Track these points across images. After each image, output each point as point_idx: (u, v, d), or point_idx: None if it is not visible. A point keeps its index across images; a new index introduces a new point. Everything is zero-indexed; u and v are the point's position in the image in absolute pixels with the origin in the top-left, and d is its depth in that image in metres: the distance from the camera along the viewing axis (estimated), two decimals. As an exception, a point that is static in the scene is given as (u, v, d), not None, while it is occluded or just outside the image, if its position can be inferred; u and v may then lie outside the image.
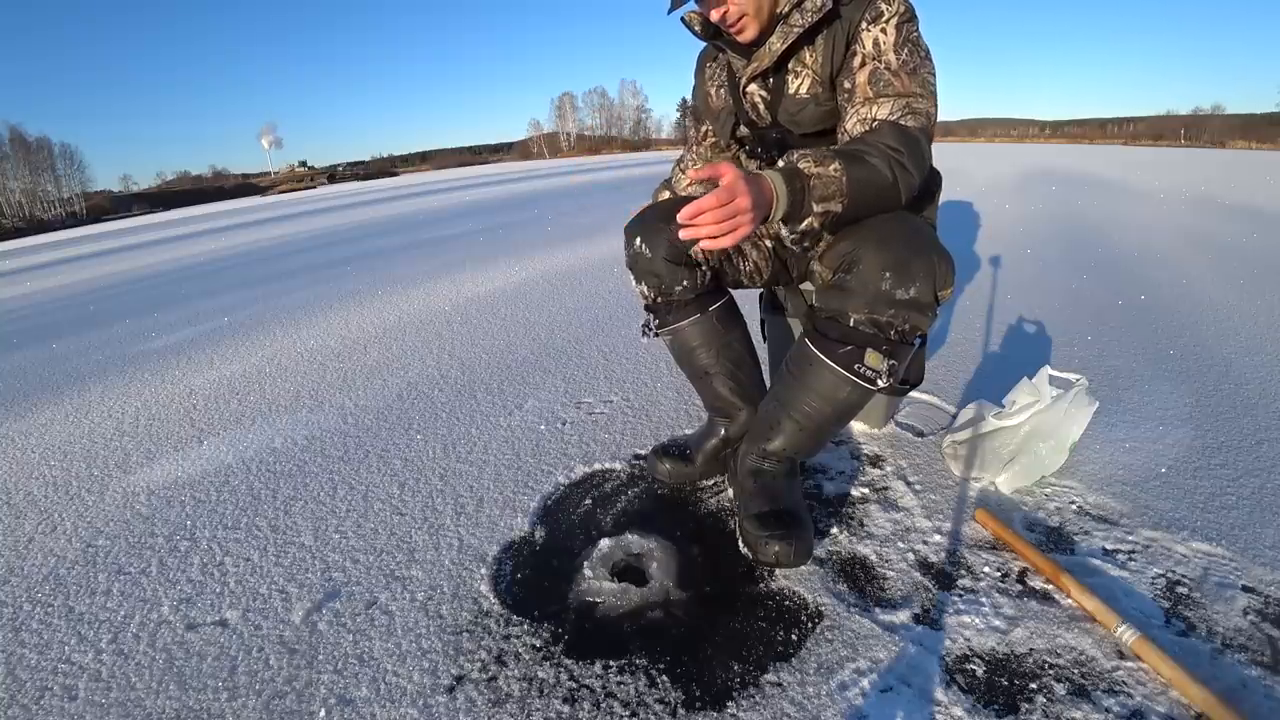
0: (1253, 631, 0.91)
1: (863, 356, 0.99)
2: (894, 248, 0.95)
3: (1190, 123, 53.65)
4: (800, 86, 1.11)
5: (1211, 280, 2.90)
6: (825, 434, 1.13)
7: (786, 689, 0.86)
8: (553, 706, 0.85)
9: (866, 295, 0.96)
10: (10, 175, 48.61)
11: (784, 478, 1.14)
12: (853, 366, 1.00)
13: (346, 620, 1.04)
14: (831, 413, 1.07)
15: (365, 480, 1.49)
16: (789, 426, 1.10)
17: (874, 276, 0.95)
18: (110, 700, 0.93)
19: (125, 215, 39.01)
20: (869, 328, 0.98)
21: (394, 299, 3.51)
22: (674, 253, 1.17)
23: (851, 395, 1.03)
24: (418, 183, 24.99)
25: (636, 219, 1.23)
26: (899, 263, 0.94)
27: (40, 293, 5.79)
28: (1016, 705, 0.82)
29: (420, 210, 10.09)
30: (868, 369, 1.00)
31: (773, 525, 1.06)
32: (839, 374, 1.01)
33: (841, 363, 1.01)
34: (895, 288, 0.94)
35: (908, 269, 0.94)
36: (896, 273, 0.94)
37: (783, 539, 1.03)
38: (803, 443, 1.12)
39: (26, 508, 1.52)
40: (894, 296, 0.94)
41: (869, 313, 0.97)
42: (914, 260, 0.94)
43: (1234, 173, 9.89)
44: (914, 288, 0.94)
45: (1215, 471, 1.29)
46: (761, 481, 1.14)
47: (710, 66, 1.29)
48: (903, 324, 0.97)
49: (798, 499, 1.13)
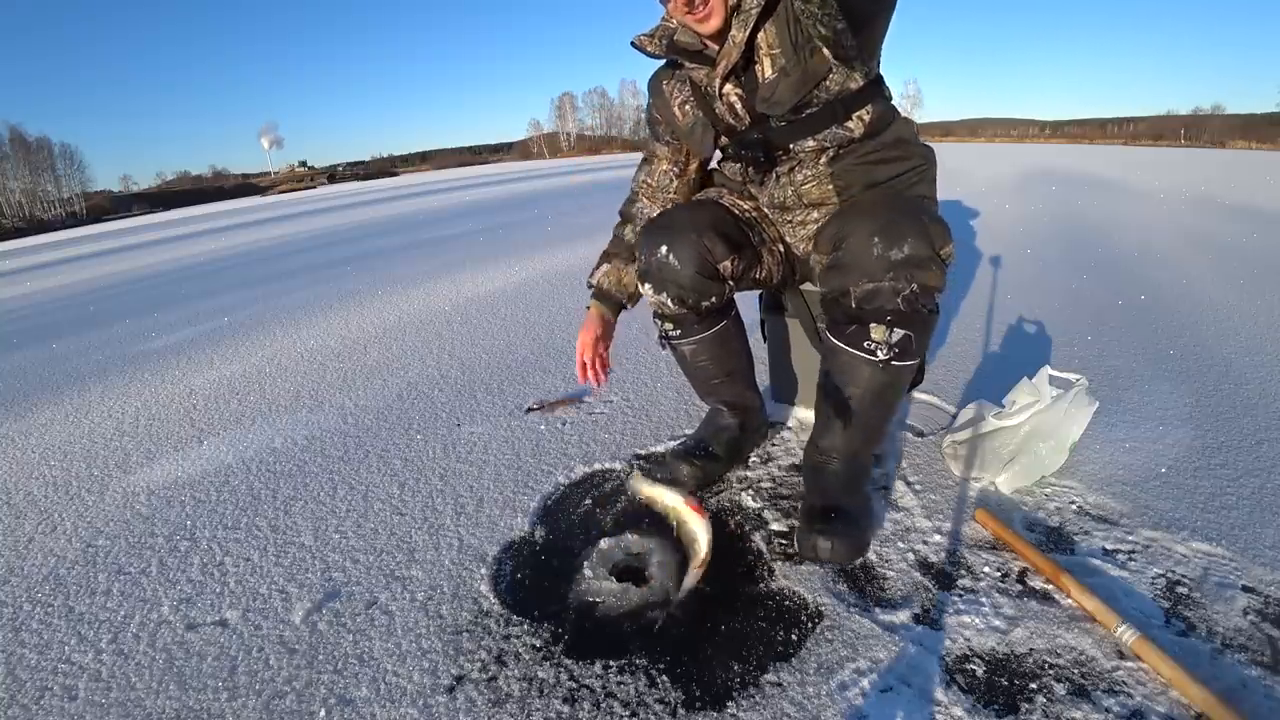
0: (1253, 631, 0.91)
1: (868, 333, 1.01)
2: (879, 213, 0.98)
3: (1190, 123, 53.63)
4: (767, 69, 1.08)
5: (1211, 280, 2.89)
6: (871, 423, 1.13)
7: (786, 689, 0.86)
8: (553, 706, 0.85)
9: (861, 264, 0.97)
10: (10, 175, 48.59)
11: (842, 474, 1.15)
12: (861, 344, 1.02)
13: (346, 620, 1.04)
14: (863, 397, 1.07)
15: (365, 480, 1.49)
16: (835, 423, 1.12)
17: (863, 244, 0.97)
18: (110, 700, 0.93)
19: (125, 215, 39.00)
20: (869, 301, 0.99)
21: (394, 299, 3.51)
22: (705, 266, 1.14)
23: (873, 376, 1.04)
24: (418, 183, 24.99)
25: (660, 225, 1.19)
26: (885, 225, 0.96)
27: (40, 293, 5.79)
28: (1016, 705, 0.82)
29: (420, 210, 10.09)
30: (874, 344, 1.01)
31: (819, 521, 1.07)
32: (851, 354, 1.03)
33: (851, 342, 1.03)
34: (887, 250, 0.95)
35: (895, 228, 0.96)
36: (884, 235, 0.96)
37: (825, 534, 1.05)
38: (853, 436, 1.13)
39: (26, 508, 1.52)
40: (889, 258, 0.95)
41: (867, 281, 0.97)
42: (900, 221, 0.96)
43: (1234, 173, 9.88)
44: (906, 244, 0.95)
45: (1215, 471, 1.29)
46: (817, 477, 1.16)
47: (668, 85, 1.22)
48: (905, 286, 0.97)
49: (854, 495, 1.14)
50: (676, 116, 1.22)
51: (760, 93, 1.10)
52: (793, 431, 1.55)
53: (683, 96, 1.20)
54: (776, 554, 1.13)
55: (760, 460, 1.43)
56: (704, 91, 1.15)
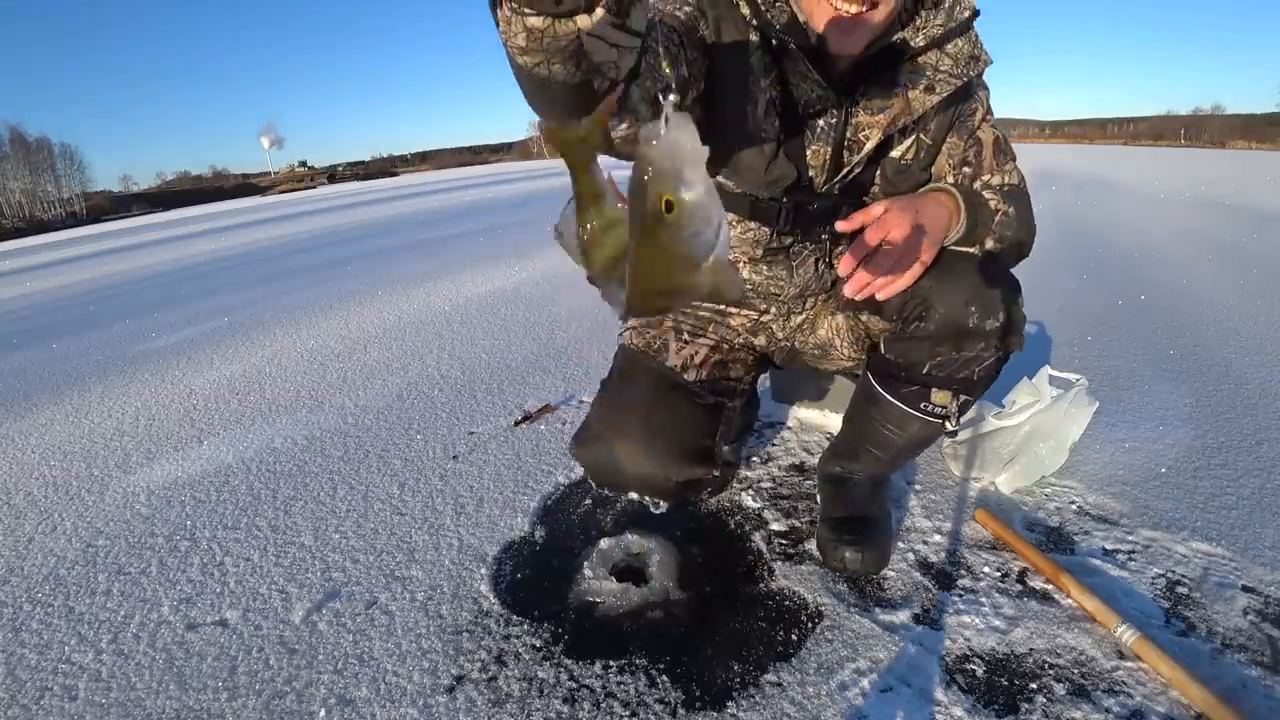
0: (1253, 631, 0.91)
1: (929, 395, 0.95)
2: (969, 276, 0.87)
3: (1190, 123, 53.62)
4: (909, 150, 0.90)
5: (1211, 280, 2.89)
6: (904, 459, 1.12)
7: (786, 689, 0.86)
8: (553, 706, 0.85)
9: (953, 336, 0.88)
10: (10, 175, 48.60)
11: (867, 486, 1.14)
12: (919, 405, 0.96)
13: (346, 620, 1.04)
14: (905, 443, 1.04)
15: (365, 480, 1.49)
16: (867, 457, 1.09)
17: (958, 313, 0.86)
18: (110, 700, 0.93)
19: (125, 215, 38.95)
20: (943, 369, 0.91)
21: (394, 299, 3.51)
22: (663, 489, 0.95)
23: (923, 429, 1.00)
24: (418, 183, 24.99)
25: (599, 464, 0.94)
26: (979, 291, 0.86)
27: (40, 293, 5.78)
28: (1016, 705, 0.82)
29: (420, 210, 10.08)
30: (936, 406, 0.96)
31: (846, 531, 1.06)
32: (904, 410, 0.98)
33: (907, 401, 0.97)
34: (984, 319, 0.87)
35: (991, 295, 0.87)
36: (981, 303, 0.86)
37: (853, 545, 1.04)
38: (883, 468, 1.12)
39: (26, 508, 1.52)
40: (983, 329, 0.87)
41: (954, 351, 0.89)
42: (994, 285, 0.87)
43: (1234, 173, 9.88)
44: (1002, 312, 0.87)
45: (1215, 471, 1.29)
46: (843, 488, 1.14)
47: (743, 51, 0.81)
48: (992, 355, 0.90)
49: (879, 506, 1.13)
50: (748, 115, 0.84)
51: (885, 170, 0.91)
52: (793, 431, 1.55)
53: (759, 90, 0.83)
54: (776, 554, 1.13)
55: (760, 460, 1.43)
56: (808, 111, 0.85)
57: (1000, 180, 0.95)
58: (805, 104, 0.84)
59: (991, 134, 0.94)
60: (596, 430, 0.95)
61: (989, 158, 0.94)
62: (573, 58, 0.49)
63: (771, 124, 0.84)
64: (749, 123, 0.84)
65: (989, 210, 0.90)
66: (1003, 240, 0.91)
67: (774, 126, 0.84)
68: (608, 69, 0.51)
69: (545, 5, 0.44)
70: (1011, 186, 0.95)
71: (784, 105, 0.84)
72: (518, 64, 0.51)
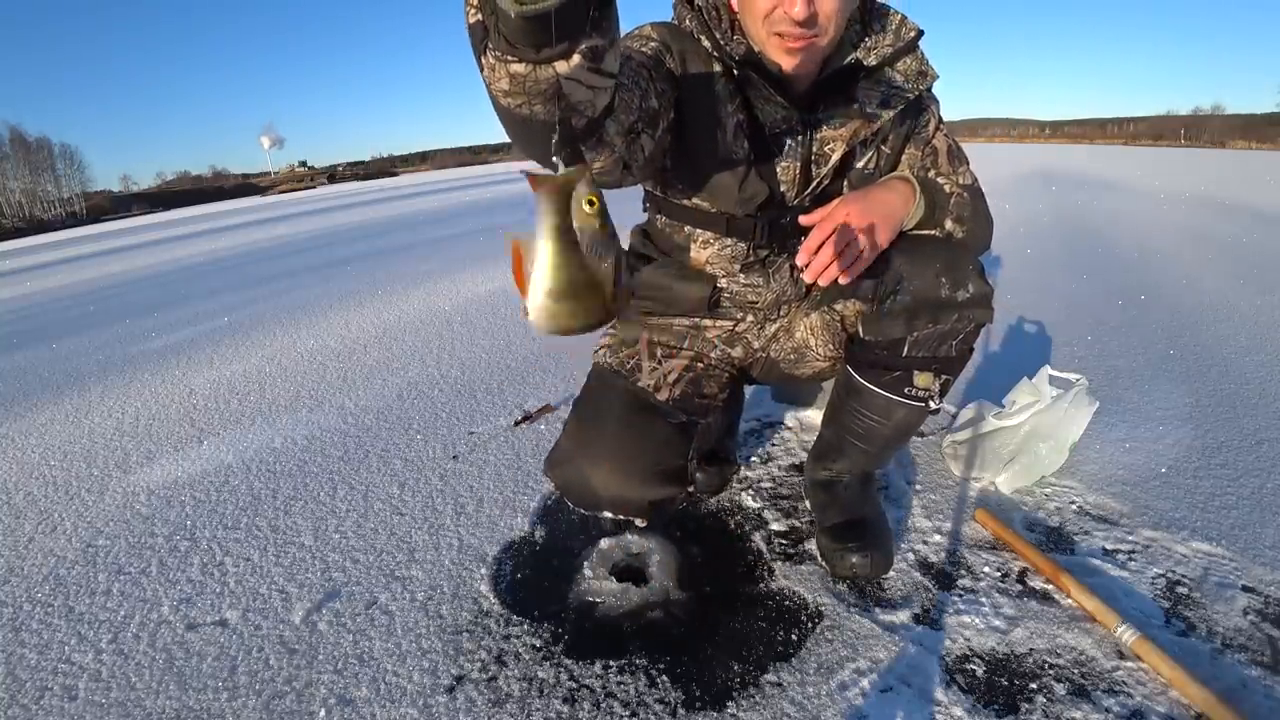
0: (1253, 631, 0.91)
1: (911, 379, 0.97)
2: (937, 253, 0.92)
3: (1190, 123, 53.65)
4: (870, 161, 0.95)
5: (1211, 280, 2.90)
6: (890, 450, 1.12)
7: (786, 689, 0.86)
8: (553, 706, 0.85)
9: (927, 307, 0.91)
10: (10, 175, 48.60)
11: (857, 486, 1.14)
12: (902, 390, 0.98)
13: (346, 620, 1.04)
14: (891, 432, 1.04)
15: (365, 480, 1.49)
16: (853, 452, 1.09)
17: (929, 285, 0.90)
18: (110, 700, 0.93)
19: (125, 215, 38.97)
20: (921, 348, 0.94)
21: (394, 299, 3.51)
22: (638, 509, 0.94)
23: (908, 416, 1.01)
24: (418, 183, 25.00)
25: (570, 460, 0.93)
26: (949, 264, 0.91)
27: (40, 293, 5.78)
28: (1016, 705, 0.82)
29: (420, 210, 10.08)
30: (918, 390, 0.97)
31: (848, 537, 1.06)
32: (887, 398, 0.99)
33: (890, 388, 0.98)
34: (954, 290, 0.90)
35: (959, 267, 0.91)
36: (950, 274, 0.90)
37: (859, 550, 1.03)
38: (868, 461, 1.12)
39: (26, 508, 1.52)
40: (955, 299, 0.91)
41: (930, 324, 0.92)
42: (961, 258, 0.92)
43: (1234, 173, 9.88)
44: (970, 283, 0.91)
45: (1215, 471, 1.29)
46: (833, 492, 1.14)
47: (708, 80, 0.86)
48: (965, 326, 0.93)
49: (873, 507, 1.13)
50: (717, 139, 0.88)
51: (850, 180, 0.95)
52: (792, 431, 1.55)
53: (724, 115, 0.87)
54: (776, 554, 1.13)
55: (760, 460, 1.43)
56: (771, 131, 0.89)
57: (956, 180, 1.00)
58: (771, 125, 0.89)
59: (945, 142, 1.01)
60: (569, 452, 0.95)
61: (944, 163, 1.00)
62: (553, 99, 0.53)
63: (741, 146, 0.89)
64: (720, 147, 0.88)
65: (945, 193, 0.95)
66: (962, 220, 0.95)
67: (744, 148, 0.89)
68: (584, 107, 0.56)
69: (527, 54, 0.48)
70: (965, 186, 1.00)
71: (751, 127, 0.89)
72: (501, 105, 0.55)
